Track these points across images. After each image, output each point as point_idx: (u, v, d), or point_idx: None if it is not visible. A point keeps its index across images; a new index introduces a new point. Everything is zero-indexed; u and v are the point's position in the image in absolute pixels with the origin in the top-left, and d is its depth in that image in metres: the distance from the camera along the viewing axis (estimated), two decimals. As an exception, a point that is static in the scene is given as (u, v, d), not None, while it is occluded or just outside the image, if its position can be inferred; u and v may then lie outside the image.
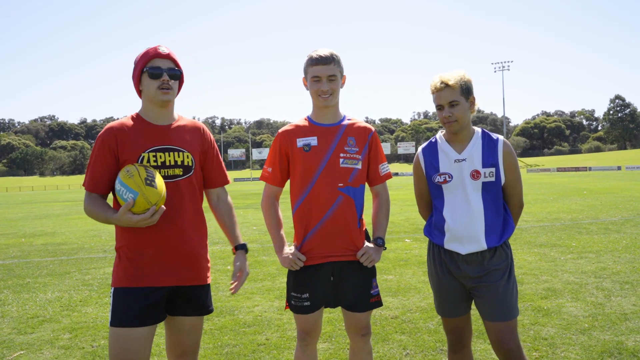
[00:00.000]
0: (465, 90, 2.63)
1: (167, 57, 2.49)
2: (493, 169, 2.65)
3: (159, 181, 2.35)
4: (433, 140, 2.83)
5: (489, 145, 2.68)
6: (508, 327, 2.62)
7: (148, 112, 2.54)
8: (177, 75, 2.52)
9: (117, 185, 2.35)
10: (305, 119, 2.81)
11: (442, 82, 2.62)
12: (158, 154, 2.47)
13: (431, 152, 2.79)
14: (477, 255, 2.66)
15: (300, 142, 2.73)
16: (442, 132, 2.82)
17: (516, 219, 2.80)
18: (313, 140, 2.71)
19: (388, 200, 2.91)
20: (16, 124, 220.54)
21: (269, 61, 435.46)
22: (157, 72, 2.45)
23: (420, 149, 2.87)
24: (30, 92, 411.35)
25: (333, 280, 2.72)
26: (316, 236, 2.69)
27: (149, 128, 2.50)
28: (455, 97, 2.61)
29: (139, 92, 2.55)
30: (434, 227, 2.81)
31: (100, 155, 2.44)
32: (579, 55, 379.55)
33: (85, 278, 7.47)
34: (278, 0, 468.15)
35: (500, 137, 2.71)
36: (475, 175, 2.64)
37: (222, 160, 2.79)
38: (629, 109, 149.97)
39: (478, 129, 2.75)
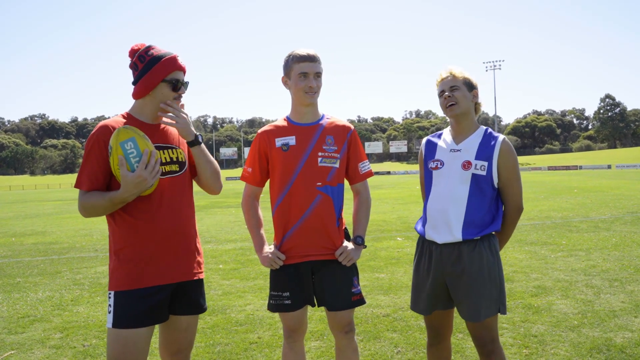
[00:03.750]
0: (468, 83, 2.73)
1: (184, 70, 2.54)
2: (485, 163, 2.64)
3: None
4: (441, 131, 2.90)
5: (487, 140, 2.70)
6: (480, 325, 2.65)
7: (145, 113, 2.53)
8: (187, 86, 2.57)
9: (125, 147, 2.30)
10: (284, 119, 2.83)
11: (447, 72, 2.74)
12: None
13: (433, 140, 2.87)
14: (453, 248, 2.64)
15: (278, 141, 2.74)
16: (450, 126, 2.86)
17: (512, 223, 2.76)
18: (291, 140, 2.73)
19: (368, 199, 2.91)
20: (6, 123, 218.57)
21: (260, 60, 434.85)
22: (178, 84, 2.50)
23: (426, 137, 2.94)
24: (21, 90, 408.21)
25: (314, 279, 2.74)
26: (295, 235, 2.71)
27: (143, 127, 2.50)
28: (456, 83, 2.70)
29: (143, 93, 2.48)
30: (422, 217, 2.85)
31: (96, 153, 2.38)
32: (569, 54, 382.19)
33: (77, 277, 7.44)
34: (269, 0, 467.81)
35: (502, 136, 2.71)
36: (466, 165, 2.65)
37: None
38: (618, 108, 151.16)
39: (483, 127, 2.77)
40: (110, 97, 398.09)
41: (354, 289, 2.76)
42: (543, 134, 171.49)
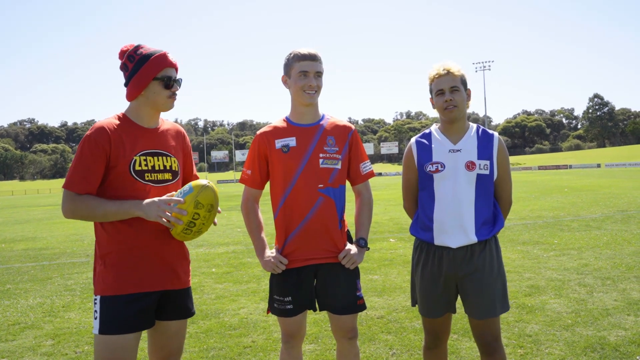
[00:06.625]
0: (464, 81, 2.70)
1: (175, 66, 2.50)
2: (488, 162, 2.64)
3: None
4: (427, 131, 2.83)
5: (485, 139, 2.70)
6: (487, 323, 2.65)
7: (141, 115, 2.48)
8: (180, 83, 2.53)
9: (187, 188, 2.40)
10: (284, 120, 2.77)
11: (444, 69, 2.66)
12: (148, 158, 2.45)
13: (425, 141, 2.78)
14: (466, 250, 2.64)
15: (278, 143, 2.68)
16: (436, 125, 2.81)
17: (505, 216, 2.81)
18: (292, 141, 2.67)
19: (370, 200, 2.87)
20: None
21: (251, 62, 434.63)
22: (170, 82, 2.45)
23: (414, 138, 2.86)
24: (10, 95, 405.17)
25: (317, 283, 2.69)
26: (297, 239, 2.66)
27: (139, 131, 2.46)
28: (456, 84, 2.64)
29: (135, 94, 2.44)
30: (421, 223, 2.78)
31: (92, 155, 2.33)
32: (558, 54, 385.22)
33: (68, 283, 7.36)
34: (259, 1, 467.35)
35: (495, 133, 2.74)
36: (470, 166, 2.62)
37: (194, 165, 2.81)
38: (607, 108, 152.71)
39: (473, 124, 2.76)
40: (100, 101, 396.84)
41: (358, 292, 2.72)
42: (533, 133, 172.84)
